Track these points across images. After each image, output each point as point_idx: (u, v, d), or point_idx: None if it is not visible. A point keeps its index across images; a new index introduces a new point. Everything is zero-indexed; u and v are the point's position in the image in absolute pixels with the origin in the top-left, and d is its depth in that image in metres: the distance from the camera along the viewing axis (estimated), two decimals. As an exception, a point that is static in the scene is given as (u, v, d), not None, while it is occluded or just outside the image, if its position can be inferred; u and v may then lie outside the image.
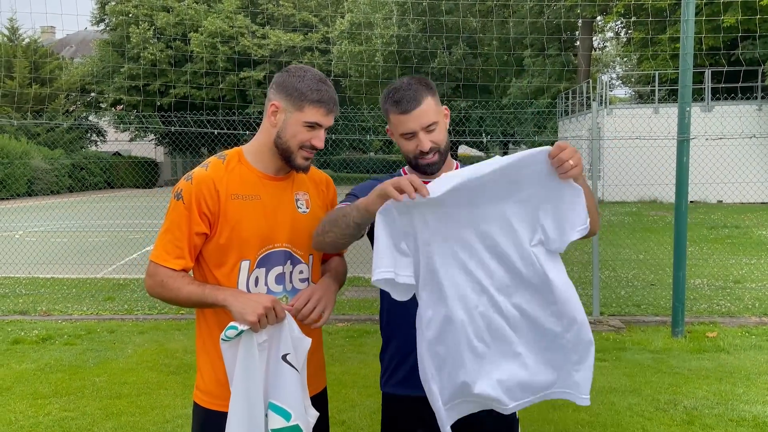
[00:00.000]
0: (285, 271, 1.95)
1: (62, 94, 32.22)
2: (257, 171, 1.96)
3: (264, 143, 1.96)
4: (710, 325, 6.17)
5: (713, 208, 17.54)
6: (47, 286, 8.42)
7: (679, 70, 5.89)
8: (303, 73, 1.91)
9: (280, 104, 1.91)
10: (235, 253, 1.89)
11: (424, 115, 1.93)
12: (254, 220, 1.90)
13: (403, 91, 1.94)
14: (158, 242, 1.90)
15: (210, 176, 1.89)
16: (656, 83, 20.79)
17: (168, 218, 1.90)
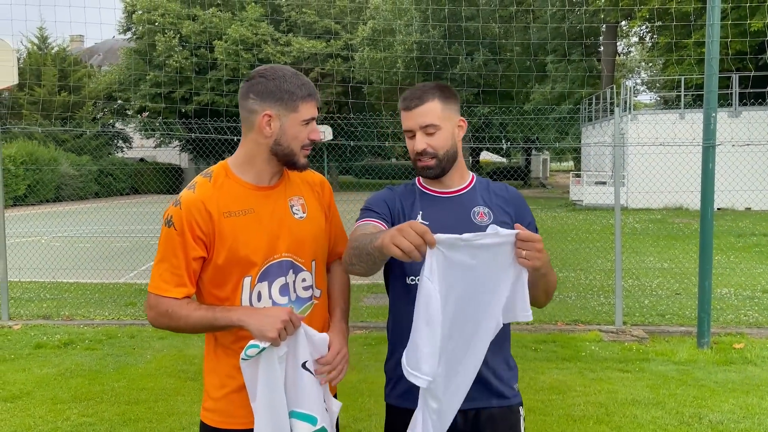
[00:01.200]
0: (288, 282, 1.91)
1: (90, 102, 32.82)
2: (247, 183, 1.90)
3: (252, 154, 1.90)
4: (737, 336, 6.01)
5: (741, 215, 17.18)
6: (71, 290, 8.53)
7: (705, 75, 5.77)
8: (281, 74, 1.87)
9: (273, 112, 1.85)
10: (236, 272, 1.85)
11: (424, 115, 1.91)
12: (251, 236, 1.85)
13: (413, 90, 1.95)
14: (155, 272, 1.84)
15: (199, 198, 1.83)
16: (682, 88, 20.47)
17: (161, 247, 1.84)
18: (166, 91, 31.04)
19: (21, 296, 8.13)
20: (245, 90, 1.87)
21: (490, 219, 1.95)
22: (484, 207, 1.98)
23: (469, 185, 2.03)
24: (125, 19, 37.77)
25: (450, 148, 1.95)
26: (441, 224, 1.87)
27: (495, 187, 2.05)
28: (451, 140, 1.96)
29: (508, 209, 2.00)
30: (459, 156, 2.01)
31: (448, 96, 1.96)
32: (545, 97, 25.26)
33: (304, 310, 1.93)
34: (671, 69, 22.92)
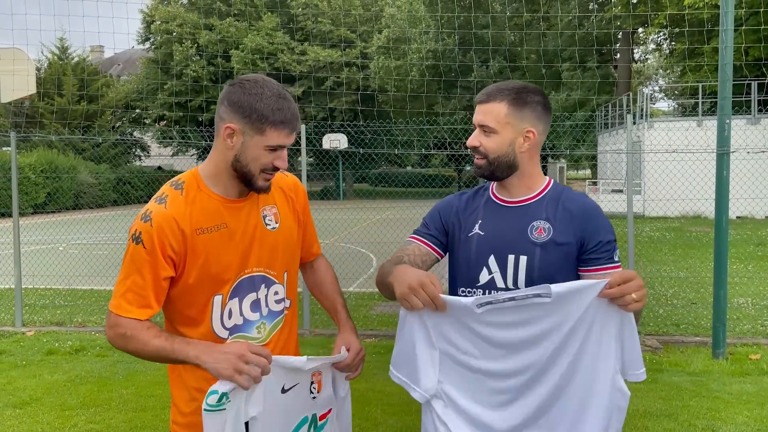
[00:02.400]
0: (260, 297, 1.83)
1: (109, 111, 33.27)
2: (218, 197, 1.79)
3: (220, 165, 1.78)
4: (754, 346, 5.89)
5: (761, 223, 16.90)
6: (85, 297, 8.60)
7: (719, 81, 5.70)
8: (260, 90, 1.71)
9: (237, 126, 1.71)
10: (207, 290, 1.76)
11: (484, 114, 1.85)
12: (223, 253, 1.76)
13: (493, 85, 1.88)
14: (117, 290, 1.71)
15: (170, 215, 1.71)
16: (700, 95, 20.25)
17: (127, 264, 1.71)
18: (183, 100, 31.37)
19: (35, 303, 8.21)
20: (223, 94, 1.76)
21: (548, 235, 1.83)
22: (544, 222, 1.85)
23: (537, 196, 1.90)
24: (144, 29, 38.32)
25: (503, 155, 1.85)
26: (497, 237, 1.86)
27: (566, 199, 1.88)
28: (508, 147, 1.85)
29: (571, 225, 1.83)
30: (523, 166, 1.88)
31: (522, 102, 1.84)
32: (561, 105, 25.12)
33: (276, 324, 1.87)
34: (688, 76, 22.70)
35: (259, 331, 1.84)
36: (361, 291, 8.84)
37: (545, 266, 1.81)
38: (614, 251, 1.84)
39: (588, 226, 1.83)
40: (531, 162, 1.90)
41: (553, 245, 1.81)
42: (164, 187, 1.80)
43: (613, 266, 1.82)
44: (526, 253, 1.82)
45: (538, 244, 1.82)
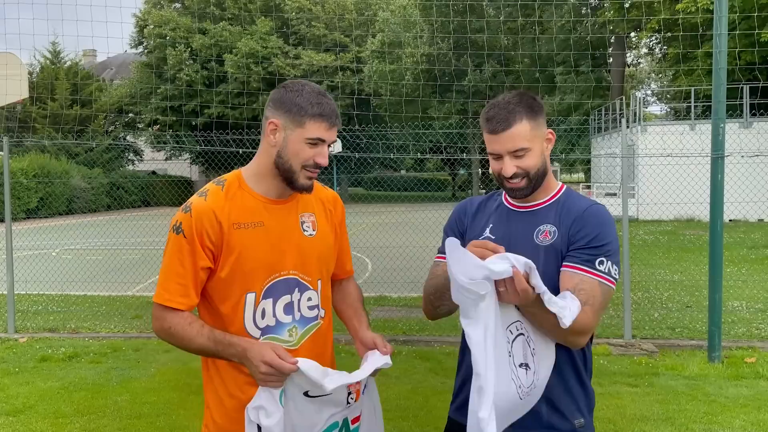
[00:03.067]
0: (293, 300, 1.85)
1: (102, 115, 33.16)
2: (259, 196, 1.84)
3: (264, 165, 1.84)
4: (749, 350, 5.90)
5: (754, 227, 16.99)
6: (78, 303, 8.54)
7: (713, 86, 5.72)
8: (301, 87, 1.81)
9: (279, 122, 1.79)
10: (239, 286, 1.79)
11: (512, 140, 1.78)
12: (258, 250, 1.79)
13: (498, 109, 1.80)
14: (160, 281, 1.78)
15: (210, 206, 1.77)
16: (692, 99, 20.36)
17: (168, 254, 1.78)
18: (176, 104, 31.32)
19: (28, 309, 8.15)
20: (271, 95, 1.85)
21: (553, 238, 1.82)
22: (551, 225, 1.84)
23: (549, 200, 1.89)
24: (137, 34, 38.25)
25: (540, 166, 1.83)
26: (506, 241, 1.84)
27: (573, 203, 1.87)
28: (541, 157, 1.83)
29: (573, 227, 1.81)
30: (548, 170, 1.88)
31: (535, 111, 1.81)
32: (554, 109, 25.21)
33: (308, 330, 1.88)
34: (681, 80, 22.83)
35: (291, 334, 1.84)
36: (357, 296, 8.81)
37: (549, 269, 1.78)
38: (597, 258, 1.75)
39: (580, 225, 1.79)
40: (548, 163, 1.90)
41: (556, 248, 1.81)
42: (207, 185, 1.88)
43: (590, 271, 1.74)
44: (530, 257, 1.76)
45: (542, 247, 1.81)
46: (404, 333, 6.69)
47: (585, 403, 1.86)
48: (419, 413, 4.49)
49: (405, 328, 6.86)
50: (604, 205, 1.89)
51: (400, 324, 7.05)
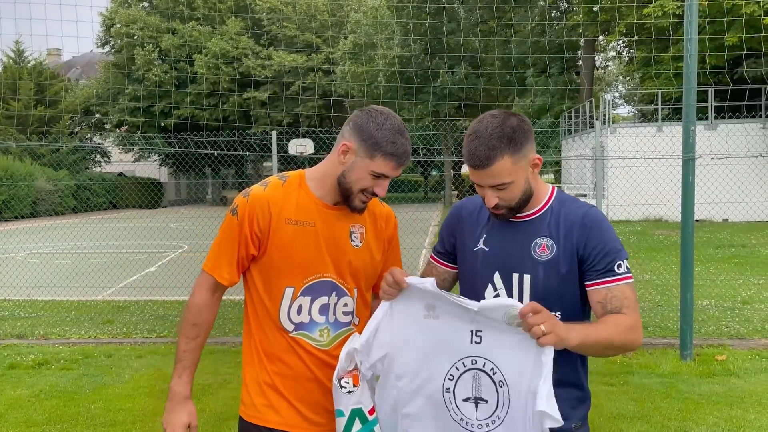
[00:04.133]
0: (330, 302, 1.93)
1: (67, 116, 32.46)
2: (316, 198, 1.93)
3: (328, 174, 1.93)
4: (719, 347, 6.03)
5: (719, 226, 17.41)
6: (46, 308, 8.33)
7: (683, 89, 5.83)
8: (383, 121, 1.85)
9: (353, 146, 1.87)
10: (281, 279, 1.90)
11: (493, 177, 1.75)
12: (305, 248, 1.89)
13: (478, 143, 1.74)
14: (211, 252, 1.94)
15: (266, 196, 1.90)
16: (659, 102, 20.79)
17: (222, 231, 1.93)
18: (145, 105, 30.82)
19: (-6, 315, 7.92)
20: (351, 117, 1.91)
21: (551, 252, 1.79)
22: (547, 239, 1.81)
23: (541, 209, 1.85)
24: (103, 33, 37.55)
25: (524, 194, 1.80)
26: (502, 254, 1.84)
27: (568, 210, 1.83)
28: (525, 185, 1.79)
29: (572, 238, 1.79)
30: (534, 189, 1.84)
31: (519, 143, 1.74)
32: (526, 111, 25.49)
33: (340, 334, 1.93)
34: (649, 83, 23.30)
35: (322, 335, 1.92)
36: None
37: (550, 284, 1.78)
38: (614, 263, 1.76)
39: (585, 238, 1.78)
40: (536, 181, 1.85)
41: (556, 263, 1.79)
42: (271, 176, 2.01)
43: (613, 279, 1.76)
44: (530, 272, 1.80)
45: (542, 262, 1.79)
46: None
47: (580, 403, 1.87)
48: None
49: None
50: (594, 206, 1.89)
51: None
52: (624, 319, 1.71)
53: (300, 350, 1.90)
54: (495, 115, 1.78)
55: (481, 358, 1.64)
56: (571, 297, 1.80)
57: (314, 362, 1.91)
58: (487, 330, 1.63)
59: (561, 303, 1.77)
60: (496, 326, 1.62)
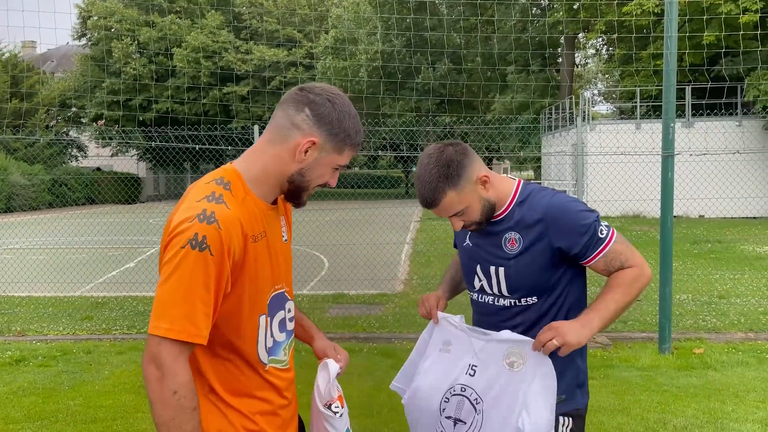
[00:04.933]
0: (285, 316, 1.70)
1: (42, 109, 31.92)
2: (260, 201, 1.61)
3: (271, 173, 1.60)
4: (697, 341, 6.14)
5: (695, 222, 17.69)
6: (23, 305, 8.20)
7: (663, 87, 5.90)
8: (348, 109, 1.61)
9: (319, 141, 1.58)
10: (255, 309, 1.59)
11: (446, 210, 1.91)
12: (265, 264, 1.60)
13: (421, 187, 1.89)
14: (177, 310, 1.41)
15: (236, 216, 1.50)
16: (638, 99, 21.03)
17: (188, 276, 1.41)
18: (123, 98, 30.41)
19: (-31, 311, 7.78)
20: (303, 101, 1.59)
21: (519, 246, 1.93)
22: (515, 233, 1.94)
23: (507, 209, 1.97)
24: (80, 25, 36.96)
25: (484, 209, 1.94)
26: (480, 249, 2.02)
27: (532, 202, 1.94)
28: (481, 203, 1.92)
29: (541, 231, 1.90)
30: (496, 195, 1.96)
31: (457, 175, 1.86)
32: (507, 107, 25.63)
33: (290, 344, 1.75)
34: (628, 80, 23.56)
35: (284, 352, 1.70)
36: (315, 294, 8.76)
37: (522, 275, 1.93)
38: (595, 234, 1.89)
39: (557, 231, 1.89)
40: (495, 189, 1.96)
41: (525, 255, 1.92)
42: (205, 186, 1.55)
43: (603, 246, 1.90)
44: (503, 265, 1.96)
45: (512, 256, 1.93)
46: (364, 330, 6.68)
47: (568, 377, 1.98)
48: (382, 410, 4.49)
49: (365, 326, 6.85)
50: (553, 190, 1.99)
51: (359, 321, 7.03)
52: (627, 273, 1.89)
53: (274, 379, 1.65)
54: (431, 153, 1.90)
55: (470, 387, 1.88)
56: (544, 284, 1.93)
57: (286, 386, 1.70)
58: (482, 367, 1.89)
59: (536, 290, 1.94)
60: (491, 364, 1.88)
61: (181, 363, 1.42)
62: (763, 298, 7.92)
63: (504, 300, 1.98)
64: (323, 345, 1.87)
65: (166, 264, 1.44)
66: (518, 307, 1.96)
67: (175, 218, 1.48)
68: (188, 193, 1.56)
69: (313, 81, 22.24)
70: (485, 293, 2.02)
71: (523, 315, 1.96)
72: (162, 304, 1.43)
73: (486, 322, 2.01)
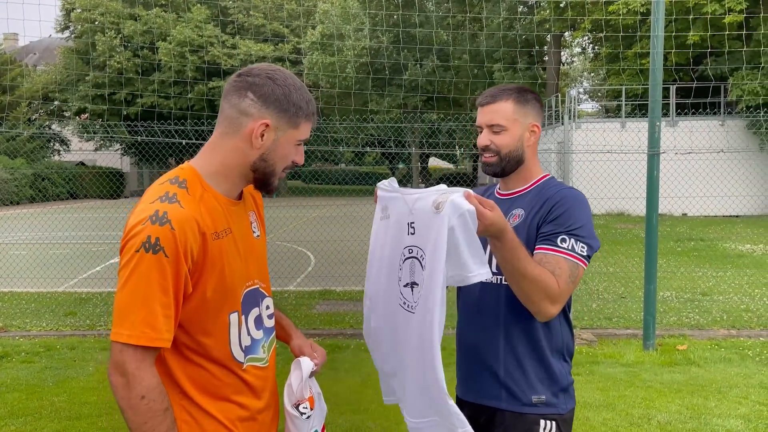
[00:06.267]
0: (261, 312, 1.66)
1: (24, 102, 31.48)
2: (221, 197, 1.58)
3: (231, 165, 1.57)
4: (680, 337, 6.21)
5: (678, 221, 17.88)
6: (5, 300, 8.10)
7: (649, 86, 5.95)
8: (291, 82, 1.58)
9: (273, 122, 1.55)
10: (224, 307, 1.55)
11: (492, 114, 1.94)
12: (234, 261, 1.56)
13: (493, 88, 1.98)
14: (136, 315, 1.39)
15: (191, 215, 1.46)
16: (623, 98, 21.18)
17: (144, 280, 1.40)
18: (106, 92, 30.06)
19: (-50, 307, 7.67)
20: (243, 86, 1.56)
21: (520, 220, 1.93)
22: (521, 209, 1.95)
23: (527, 188, 2.00)
24: (63, 18, 36.49)
25: (514, 150, 1.96)
26: None
27: (548, 189, 1.96)
28: (517, 142, 1.96)
29: (543, 210, 1.90)
30: (527, 160, 1.99)
31: (525, 99, 1.96)
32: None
33: (271, 342, 1.72)
34: (613, 79, 23.71)
35: (264, 350, 1.67)
36: (302, 290, 8.73)
37: None
38: (558, 235, 1.82)
39: (548, 209, 1.88)
40: (533, 156, 2.01)
41: (520, 229, 1.89)
42: (159, 187, 1.52)
43: (551, 248, 1.82)
44: None
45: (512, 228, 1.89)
46: (351, 326, 6.67)
47: (547, 380, 1.91)
48: (370, 406, 4.50)
49: (352, 322, 6.85)
50: (578, 191, 1.96)
51: (346, 317, 7.03)
52: (551, 279, 1.74)
53: (252, 379, 1.61)
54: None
55: (415, 246, 1.73)
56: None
57: (263, 385, 1.66)
58: (418, 220, 1.71)
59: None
60: (424, 215, 1.69)
61: (145, 368, 1.41)
62: (745, 295, 8.03)
63: (493, 277, 1.92)
64: (300, 343, 1.82)
65: (122, 269, 1.43)
66: (504, 285, 1.88)
67: (129, 221, 1.46)
68: (144, 194, 1.54)
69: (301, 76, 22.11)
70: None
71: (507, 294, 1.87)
72: (121, 310, 1.41)
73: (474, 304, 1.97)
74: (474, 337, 1.99)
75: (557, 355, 1.93)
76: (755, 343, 6.06)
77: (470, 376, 2.01)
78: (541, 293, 1.75)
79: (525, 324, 1.89)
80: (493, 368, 1.92)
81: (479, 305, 1.96)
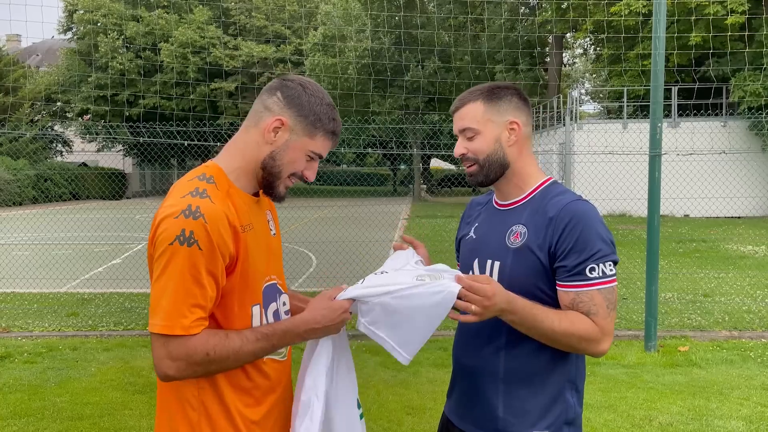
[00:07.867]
0: (278, 307, 1.70)
1: (27, 104, 31.56)
2: (243, 193, 1.63)
3: (251, 160, 1.62)
4: (682, 339, 6.20)
5: (680, 222, 17.87)
6: (7, 301, 8.11)
7: (651, 87, 5.95)
8: (321, 95, 1.64)
9: (288, 122, 1.60)
10: (247, 299, 1.60)
11: (462, 119, 1.80)
12: (256, 255, 1.61)
13: (465, 91, 1.83)
14: (170, 307, 1.44)
15: (222, 210, 1.50)
16: (625, 99, 21.18)
17: (178, 273, 1.44)
18: (109, 93, 30.11)
19: (-48, 307, 7.68)
20: (276, 87, 1.64)
21: (522, 240, 1.73)
22: (522, 226, 1.75)
23: (525, 198, 1.81)
24: (66, 19, 36.59)
25: (492, 153, 1.78)
26: (483, 241, 1.85)
27: (549, 201, 1.75)
28: (494, 144, 1.78)
29: (546, 231, 1.70)
30: (513, 163, 1.80)
31: (497, 96, 1.78)
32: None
33: None
34: (615, 80, 23.71)
35: None
36: (303, 291, 8.74)
37: (517, 273, 1.72)
38: (586, 265, 1.65)
39: (559, 233, 1.68)
40: (521, 157, 1.81)
41: (525, 251, 1.72)
42: (188, 183, 1.55)
43: (583, 284, 1.66)
44: (500, 259, 1.76)
45: (512, 249, 1.75)
46: (352, 327, 6.66)
47: (551, 412, 1.74)
48: (372, 407, 4.50)
49: (353, 322, 6.85)
50: (583, 199, 1.76)
51: (348, 318, 7.03)
52: (585, 323, 1.64)
53: (270, 371, 1.65)
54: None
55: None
56: (532, 291, 1.70)
57: (282, 379, 1.70)
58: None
59: (527, 293, 1.67)
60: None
61: (191, 344, 1.46)
62: (746, 296, 8.03)
63: None
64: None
65: (156, 262, 1.48)
66: None
67: (159, 214, 1.50)
68: (172, 190, 1.57)
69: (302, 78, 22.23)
70: None
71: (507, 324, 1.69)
72: (157, 302, 1.46)
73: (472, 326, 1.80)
74: (471, 361, 1.84)
75: (566, 384, 1.76)
76: (757, 344, 6.05)
77: (467, 402, 1.85)
78: (581, 342, 1.64)
79: (528, 350, 1.73)
80: (491, 399, 1.77)
81: (477, 327, 1.78)
